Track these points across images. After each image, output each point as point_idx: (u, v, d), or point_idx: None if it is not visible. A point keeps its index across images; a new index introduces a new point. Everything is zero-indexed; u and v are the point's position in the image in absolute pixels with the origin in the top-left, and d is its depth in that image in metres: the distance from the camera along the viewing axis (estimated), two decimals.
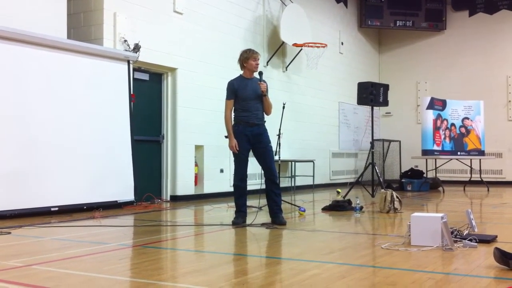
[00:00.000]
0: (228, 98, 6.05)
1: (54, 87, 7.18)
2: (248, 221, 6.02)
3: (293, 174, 12.02)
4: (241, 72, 6.14)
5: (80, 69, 7.54)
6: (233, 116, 6.13)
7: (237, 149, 5.95)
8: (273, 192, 6.04)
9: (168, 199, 9.19)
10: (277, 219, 5.96)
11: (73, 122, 7.36)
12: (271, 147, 6.08)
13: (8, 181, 6.52)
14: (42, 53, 7.08)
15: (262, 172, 6.11)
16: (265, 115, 6.14)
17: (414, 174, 12.40)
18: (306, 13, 12.28)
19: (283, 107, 8.08)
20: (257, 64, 6.06)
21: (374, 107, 10.09)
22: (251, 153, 6.13)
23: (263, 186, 6.20)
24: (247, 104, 5.96)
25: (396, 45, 16.32)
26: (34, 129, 6.88)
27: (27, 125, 6.82)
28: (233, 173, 10.54)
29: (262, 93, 5.95)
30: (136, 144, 8.30)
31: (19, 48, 6.82)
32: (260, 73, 6.04)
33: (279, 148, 7.99)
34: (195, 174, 9.66)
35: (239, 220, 5.96)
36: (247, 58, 6.03)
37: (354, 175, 14.32)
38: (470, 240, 4.38)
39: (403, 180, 12.26)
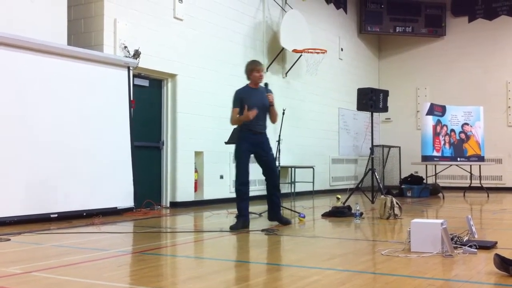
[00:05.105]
0: (234, 106, 6.27)
1: (54, 93, 7.18)
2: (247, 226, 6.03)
3: (292, 180, 12.01)
4: (248, 82, 6.39)
5: (80, 75, 7.55)
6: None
7: (250, 111, 6.05)
8: (275, 197, 6.39)
9: (168, 205, 9.17)
10: (282, 219, 6.37)
11: (72, 128, 7.36)
12: (272, 154, 6.45)
13: (8, 188, 6.51)
14: (42, 59, 7.09)
15: (264, 178, 6.40)
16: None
17: (414, 180, 12.39)
18: (306, 19, 12.30)
19: (283, 113, 8.09)
20: (261, 76, 6.30)
21: (374, 113, 10.10)
22: (252, 159, 6.34)
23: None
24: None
25: (396, 51, 16.34)
26: (33, 135, 6.88)
27: (27, 131, 6.82)
28: (233, 179, 10.62)
29: (270, 104, 6.23)
30: (136, 150, 8.29)
31: (19, 54, 6.83)
32: (266, 84, 6.36)
33: (279, 154, 7.99)
34: (195, 180, 9.65)
35: (238, 225, 6.02)
36: (251, 70, 6.30)
37: (354, 181, 14.30)
38: (470, 246, 4.37)
39: (403, 186, 12.25)
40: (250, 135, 6.20)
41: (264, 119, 6.31)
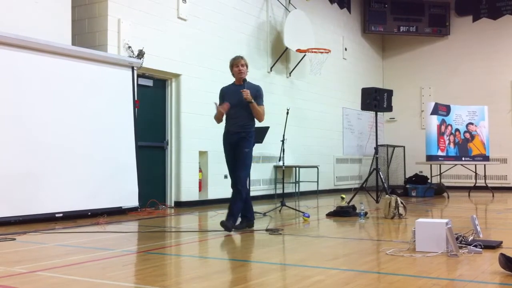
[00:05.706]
0: (218, 104, 6.20)
1: (58, 93, 7.20)
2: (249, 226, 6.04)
3: (297, 179, 12.01)
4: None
5: (84, 75, 7.56)
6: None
7: (220, 105, 5.95)
8: (233, 194, 5.99)
9: (172, 205, 9.18)
10: (228, 221, 5.82)
11: (77, 128, 7.37)
12: (246, 152, 5.97)
13: (13, 188, 6.53)
14: (46, 59, 7.11)
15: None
16: (255, 121, 6.11)
17: (418, 180, 12.37)
18: (310, 19, 12.30)
19: (287, 113, 8.08)
20: (240, 71, 6.06)
21: (378, 113, 10.08)
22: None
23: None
24: (228, 111, 6.02)
25: (400, 50, 16.31)
26: (38, 135, 6.89)
27: (32, 131, 6.84)
28: None
29: (247, 101, 5.87)
30: (140, 150, 8.30)
31: (23, 55, 6.84)
32: (244, 80, 6.04)
33: (283, 154, 7.99)
34: (199, 180, 9.66)
35: (242, 225, 6.04)
36: (231, 65, 6.17)
37: (359, 180, 14.30)
38: (475, 246, 4.36)
39: (407, 186, 12.23)
40: (227, 136, 6.11)
41: (243, 117, 5.99)
